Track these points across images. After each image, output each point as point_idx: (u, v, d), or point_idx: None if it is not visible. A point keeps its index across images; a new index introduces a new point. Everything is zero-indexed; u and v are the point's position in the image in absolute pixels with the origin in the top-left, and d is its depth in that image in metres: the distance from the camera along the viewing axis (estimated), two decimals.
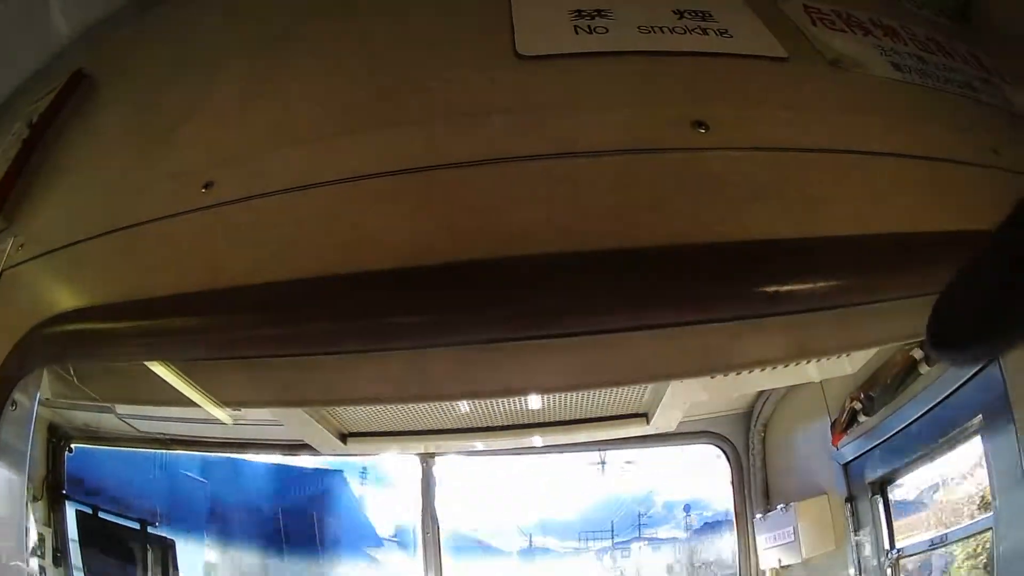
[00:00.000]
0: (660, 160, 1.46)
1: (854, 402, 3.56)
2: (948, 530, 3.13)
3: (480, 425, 4.02)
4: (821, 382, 3.87)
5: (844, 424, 3.69)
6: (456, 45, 1.70)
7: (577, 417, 3.96)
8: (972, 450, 2.92)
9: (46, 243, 1.85)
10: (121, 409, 4.52)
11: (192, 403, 2.67)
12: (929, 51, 1.96)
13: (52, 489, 4.75)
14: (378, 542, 5.98)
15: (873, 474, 3.62)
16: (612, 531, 6.13)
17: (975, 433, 2.84)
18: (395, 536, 5.83)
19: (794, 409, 4.33)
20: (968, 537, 3.00)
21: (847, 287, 1.43)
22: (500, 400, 3.57)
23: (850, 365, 3.40)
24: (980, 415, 2.76)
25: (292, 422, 3.90)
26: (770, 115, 1.59)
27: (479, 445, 4.48)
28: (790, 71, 1.71)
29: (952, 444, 3.03)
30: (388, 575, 5.81)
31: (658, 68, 1.63)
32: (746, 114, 1.58)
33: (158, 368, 2.30)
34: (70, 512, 4.79)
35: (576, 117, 1.52)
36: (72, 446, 4.92)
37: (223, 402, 2.83)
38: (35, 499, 4.52)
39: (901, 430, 3.30)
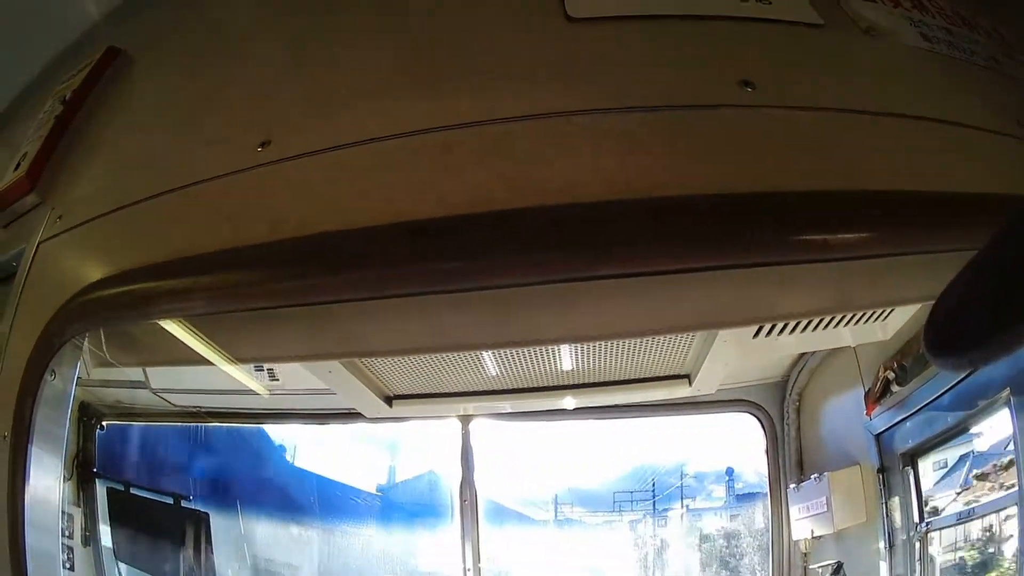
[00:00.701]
0: (709, 116, 1.54)
1: (887, 371, 3.57)
2: (974, 505, 3.15)
3: (520, 386, 4.06)
4: (856, 351, 3.89)
5: (878, 394, 3.70)
6: (510, 9, 1.78)
7: (616, 378, 4.00)
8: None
9: (86, 212, 1.95)
10: (156, 383, 4.64)
11: (226, 362, 2.75)
12: (955, 24, 2.02)
13: (82, 468, 4.86)
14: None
15: (904, 445, 3.63)
16: (653, 498, 6.15)
17: (1004, 406, 2.85)
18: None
19: (829, 378, 4.33)
20: (996, 511, 3.02)
21: (881, 238, 1.49)
22: (541, 360, 3.62)
23: (882, 331, 3.41)
24: (1008, 388, 2.77)
25: (340, 386, 3.94)
26: (811, 77, 1.67)
27: (520, 406, 4.51)
28: (827, 37, 1.79)
29: (982, 417, 3.05)
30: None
31: (704, 30, 1.71)
32: (789, 75, 1.66)
33: (189, 334, 2.38)
34: (100, 491, 4.94)
35: (626, 74, 1.60)
36: (104, 423, 5.04)
37: (257, 358, 2.90)
38: (65, 479, 4.57)
39: (931, 401, 3.30)
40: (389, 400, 4.18)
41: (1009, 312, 0.81)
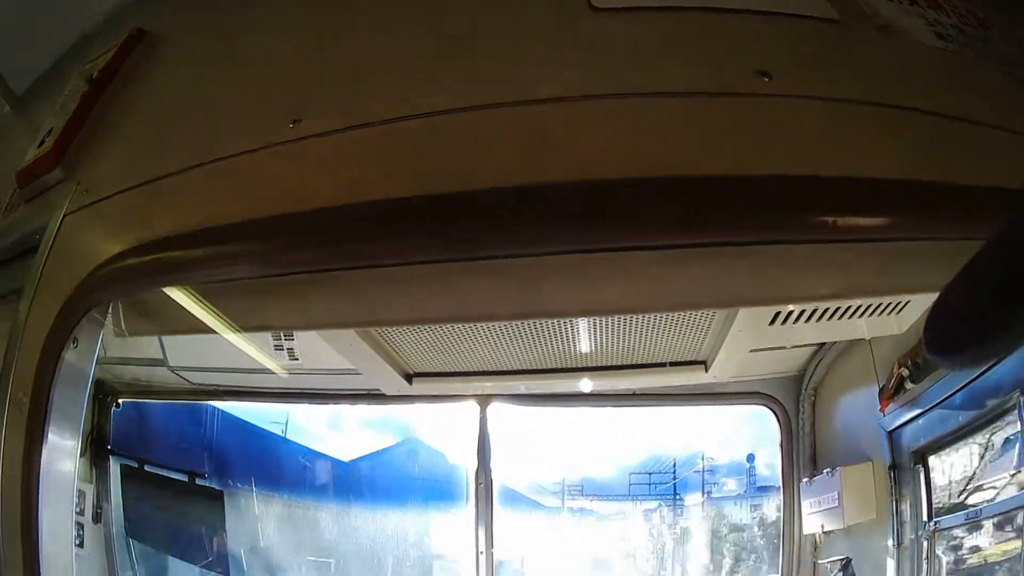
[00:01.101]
0: (726, 103, 1.61)
1: (902, 368, 3.59)
2: (983, 505, 3.17)
3: (537, 367, 4.12)
4: (871, 347, 3.91)
5: (892, 391, 3.71)
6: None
7: (633, 361, 4.05)
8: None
9: (113, 186, 2.01)
10: (174, 360, 4.74)
11: (246, 331, 2.80)
12: (969, 24, 2.04)
13: (96, 444, 4.98)
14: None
15: (915, 443, 3.65)
16: (674, 480, 6.17)
17: (1013, 408, 2.87)
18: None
19: (844, 374, 4.33)
20: (1003, 513, 3.05)
21: (888, 224, 1.56)
22: (559, 342, 3.69)
23: (897, 324, 3.43)
24: (1018, 391, 2.80)
25: (360, 361, 3.99)
26: (826, 69, 1.74)
27: (538, 387, 4.56)
28: (842, 32, 1.84)
29: (993, 419, 3.07)
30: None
31: (723, 22, 1.78)
32: (805, 67, 1.72)
33: (209, 304, 2.43)
34: (114, 468, 5.04)
35: (647, 62, 1.68)
36: (119, 401, 5.14)
37: (277, 326, 2.95)
38: (79, 455, 4.71)
39: (944, 400, 3.32)
40: (409, 377, 4.25)
41: (1009, 309, 0.82)
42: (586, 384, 4.30)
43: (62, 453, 2.08)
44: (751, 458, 5.71)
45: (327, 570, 6.07)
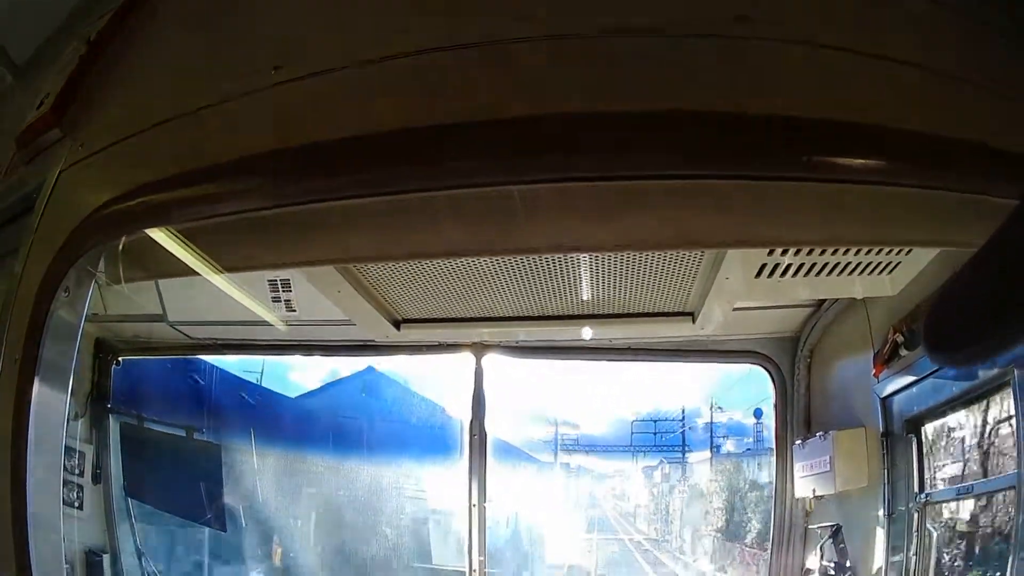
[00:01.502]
0: (706, 43, 1.61)
1: (896, 334, 3.55)
2: (974, 481, 3.17)
3: (530, 314, 4.12)
4: (867, 311, 3.90)
5: (886, 356, 3.67)
6: None
7: (624, 311, 4.05)
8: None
9: (108, 138, 2.03)
10: (173, 315, 4.76)
11: (232, 270, 2.82)
12: None
13: (96, 404, 5.03)
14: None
15: (909, 411, 3.63)
16: (683, 443, 6.20)
17: (1007, 384, 2.84)
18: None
19: (840, 337, 4.32)
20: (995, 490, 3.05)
21: (856, 167, 1.56)
22: (551, 289, 3.62)
23: (891, 285, 3.41)
24: (1013, 366, 2.76)
25: (348, 306, 4.00)
26: (806, 14, 1.72)
27: (529, 334, 4.58)
28: None
29: (988, 393, 3.05)
30: None
31: None
32: (783, 12, 1.71)
33: (197, 246, 2.44)
34: (113, 427, 5.11)
35: (628, 4, 1.67)
36: (120, 359, 5.20)
37: (263, 264, 2.97)
38: (77, 416, 4.80)
39: (938, 369, 3.28)
40: (397, 324, 4.24)
41: (1007, 311, 0.80)
42: (580, 332, 4.27)
43: (52, 406, 2.10)
44: (759, 413, 5.72)
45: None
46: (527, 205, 1.95)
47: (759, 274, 3.25)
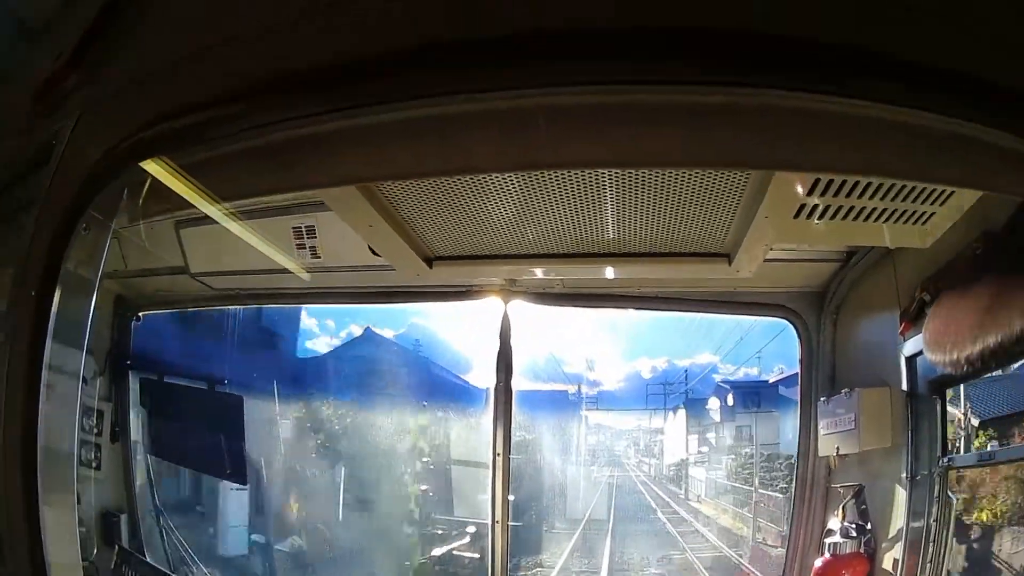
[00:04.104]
0: None
1: (924, 293, 3.44)
2: (996, 449, 3.14)
3: (563, 251, 4.07)
4: (895, 266, 3.84)
5: (913, 314, 3.62)
6: None
7: (660, 250, 3.97)
8: None
9: (125, 79, 2.06)
10: (195, 267, 4.76)
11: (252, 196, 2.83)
12: None
13: (115, 362, 5.10)
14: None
15: (933, 373, 3.58)
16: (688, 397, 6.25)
17: None
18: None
19: (868, 294, 4.28)
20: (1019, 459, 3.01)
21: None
22: (582, 226, 3.55)
23: (920, 238, 3.28)
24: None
25: (380, 242, 3.95)
26: None
27: (560, 272, 4.54)
28: None
29: (1016, 355, 3.01)
30: None
31: None
32: None
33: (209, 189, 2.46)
34: (132, 385, 5.17)
35: None
36: (140, 315, 5.27)
37: (285, 187, 2.99)
38: (96, 375, 4.86)
39: None
40: (430, 261, 4.18)
41: (1005, 317, 0.82)
42: (613, 272, 4.23)
43: (67, 360, 2.14)
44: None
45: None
46: (561, 118, 1.95)
47: (797, 215, 3.20)
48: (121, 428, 5.02)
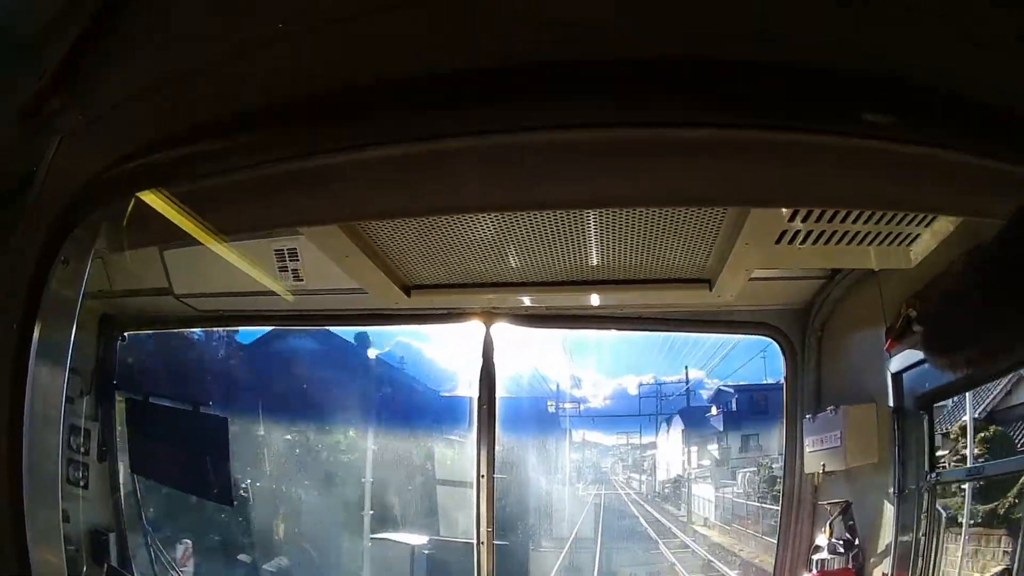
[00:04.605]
0: None
1: (910, 309, 3.52)
2: (985, 463, 3.16)
3: (543, 279, 4.07)
4: (880, 284, 3.85)
5: (899, 331, 3.65)
6: None
7: (641, 276, 3.99)
8: None
9: (110, 103, 2.02)
10: (179, 288, 4.74)
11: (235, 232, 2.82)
12: None
13: (101, 382, 5.02)
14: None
15: (921, 388, 3.61)
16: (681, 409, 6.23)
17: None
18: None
19: (852, 311, 4.31)
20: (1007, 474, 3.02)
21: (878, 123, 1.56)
22: (563, 254, 3.54)
23: (906, 258, 3.39)
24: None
25: (357, 272, 3.93)
26: None
27: (541, 300, 4.55)
28: None
29: (1003, 372, 3.04)
30: None
31: None
32: None
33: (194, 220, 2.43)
34: (119, 404, 5.13)
35: None
36: (124, 334, 5.22)
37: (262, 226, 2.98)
38: (82, 394, 4.79)
39: None
40: (407, 290, 4.18)
41: (1002, 317, 0.81)
42: (593, 298, 4.23)
43: (50, 382, 2.12)
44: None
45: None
46: (549, 157, 1.94)
47: (779, 240, 3.21)
48: (108, 447, 4.97)
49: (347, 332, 6.65)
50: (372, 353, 6.89)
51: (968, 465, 3.31)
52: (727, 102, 1.58)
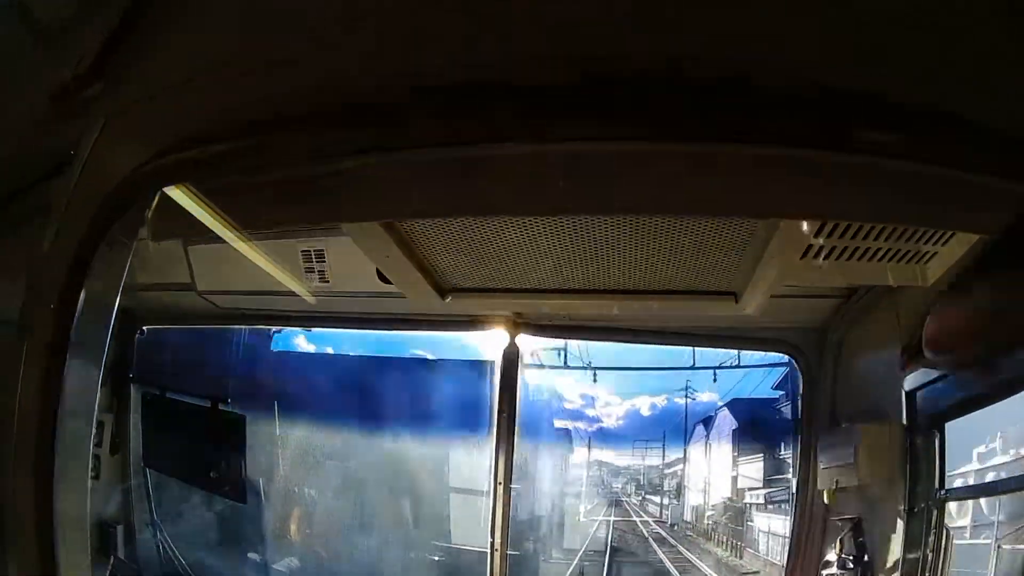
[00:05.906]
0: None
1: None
2: (997, 479, 3.19)
3: (577, 287, 4.11)
4: (896, 303, 3.93)
5: (914, 350, 3.71)
6: None
7: (667, 287, 4.02)
8: None
9: (152, 91, 2.05)
10: (202, 285, 4.80)
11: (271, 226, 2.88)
12: None
13: (117, 374, 5.13)
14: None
15: (934, 407, 3.65)
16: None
17: None
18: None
19: (869, 330, 4.36)
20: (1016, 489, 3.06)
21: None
22: (593, 263, 3.71)
23: (922, 276, 3.38)
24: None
25: (395, 272, 3.98)
26: None
27: (570, 307, 4.56)
28: None
29: (1014, 390, 2.99)
30: None
31: None
32: None
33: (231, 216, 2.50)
34: (135, 397, 5.23)
35: None
36: (144, 328, 5.34)
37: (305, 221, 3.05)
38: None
39: None
40: (443, 292, 4.20)
41: (1002, 317, 0.87)
42: (621, 308, 4.22)
43: (84, 379, 2.16)
44: None
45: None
46: (591, 166, 2.00)
47: (804, 255, 3.32)
48: (122, 440, 5.08)
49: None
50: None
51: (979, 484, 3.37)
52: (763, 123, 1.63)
